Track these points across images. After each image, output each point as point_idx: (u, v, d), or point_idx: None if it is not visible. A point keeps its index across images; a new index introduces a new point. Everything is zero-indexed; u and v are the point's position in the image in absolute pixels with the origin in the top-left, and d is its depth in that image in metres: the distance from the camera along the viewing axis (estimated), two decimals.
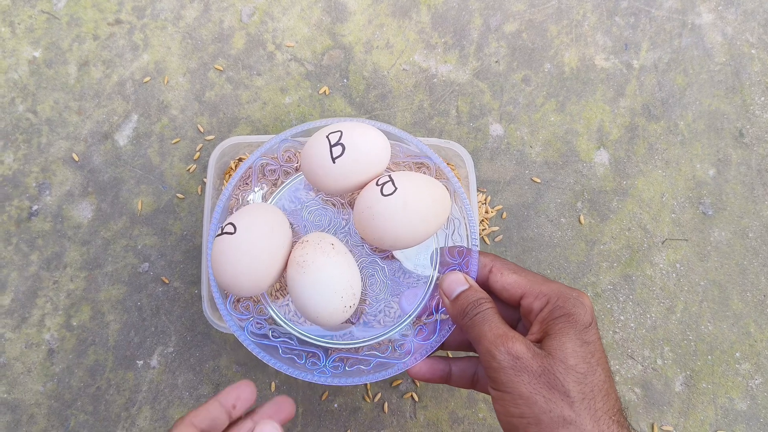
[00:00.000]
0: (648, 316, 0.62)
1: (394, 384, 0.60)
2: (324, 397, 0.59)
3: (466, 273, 0.42)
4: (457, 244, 0.48)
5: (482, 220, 0.63)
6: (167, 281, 0.61)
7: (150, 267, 0.61)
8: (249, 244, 0.42)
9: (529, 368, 0.35)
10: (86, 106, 0.64)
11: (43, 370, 0.59)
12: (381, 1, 0.67)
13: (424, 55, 0.67)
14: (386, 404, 0.59)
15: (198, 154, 0.64)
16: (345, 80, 0.66)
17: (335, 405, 0.59)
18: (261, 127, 0.64)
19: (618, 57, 0.67)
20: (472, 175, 0.58)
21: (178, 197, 0.63)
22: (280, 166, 0.50)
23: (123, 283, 0.61)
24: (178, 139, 0.64)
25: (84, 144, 0.63)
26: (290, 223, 0.48)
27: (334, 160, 0.42)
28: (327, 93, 0.65)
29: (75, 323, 0.60)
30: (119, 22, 0.66)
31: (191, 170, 0.63)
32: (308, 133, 0.49)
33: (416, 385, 0.60)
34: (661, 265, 0.63)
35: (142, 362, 0.59)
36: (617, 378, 0.60)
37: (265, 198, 0.51)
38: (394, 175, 0.43)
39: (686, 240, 0.64)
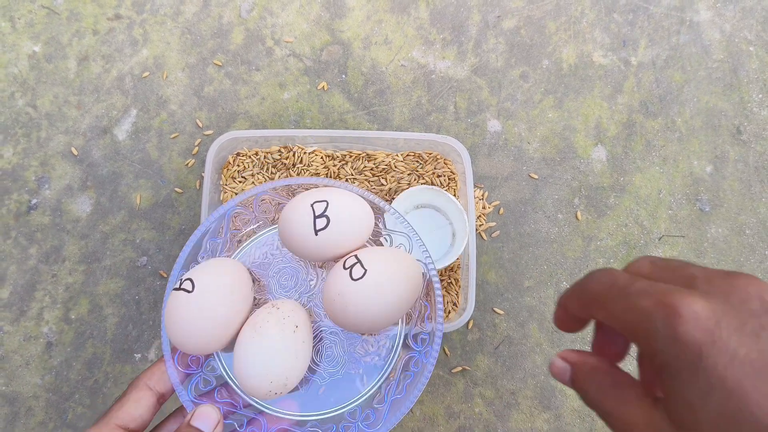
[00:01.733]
0: None
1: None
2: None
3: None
4: (420, 331, 0.46)
5: (479, 216, 0.63)
6: (165, 275, 0.61)
7: (148, 261, 0.61)
8: (206, 306, 0.40)
9: None
10: (85, 100, 0.64)
11: (42, 362, 0.59)
12: None
13: (422, 51, 0.67)
14: None
15: (196, 148, 0.64)
16: (343, 76, 0.66)
17: None
18: (259, 122, 0.65)
19: (616, 54, 0.67)
20: (469, 170, 0.58)
21: (176, 191, 0.63)
22: (255, 216, 0.49)
23: (121, 276, 0.61)
24: (176, 134, 0.64)
25: (83, 138, 0.64)
26: (255, 279, 0.47)
27: (317, 232, 0.40)
28: (325, 88, 0.66)
29: (73, 316, 0.60)
30: (119, 17, 0.66)
31: (190, 165, 0.64)
32: (290, 192, 0.48)
33: None
34: None
35: (139, 355, 0.60)
36: None
37: (241, 241, 0.50)
38: (360, 254, 0.40)
39: (683, 236, 0.64)
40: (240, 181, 0.61)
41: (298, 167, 0.61)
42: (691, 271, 0.25)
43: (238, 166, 0.61)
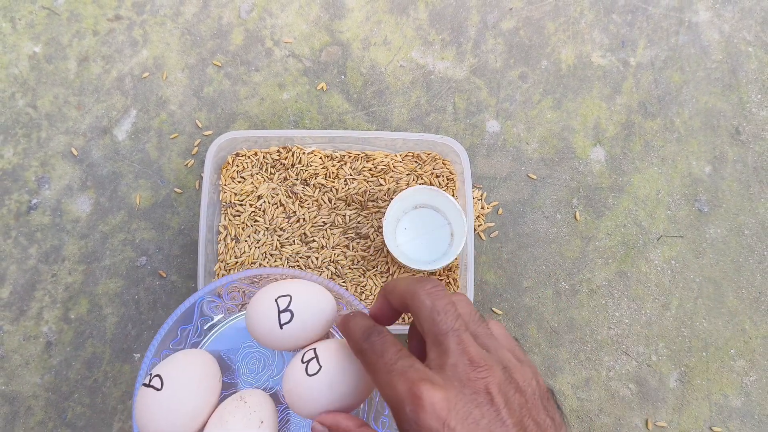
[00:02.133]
0: (643, 312, 0.62)
1: None
2: None
3: None
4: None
5: (478, 216, 0.63)
6: (164, 275, 0.61)
7: (147, 261, 0.62)
8: (174, 402, 0.43)
9: None
10: (86, 101, 0.65)
11: (41, 362, 0.59)
12: None
13: (421, 51, 0.67)
14: None
15: (196, 149, 0.64)
16: (342, 76, 0.66)
17: None
18: (259, 123, 0.65)
19: (615, 54, 0.67)
20: (467, 171, 0.58)
21: (176, 192, 0.63)
22: (224, 303, 0.51)
23: (121, 276, 0.61)
24: (176, 134, 0.64)
25: (83, 139, 0.64)
26: (223, 366, 0.49)
27: (281, 326, 0.42)
28: (324, 89, 0.66)
29: (73, 316, 0.60)
30: (119, 18, 0.66)
31: (189, 165, 0.64)
32: (257, 281, 0.50)
33: None
34: (656, 262, 0.63)
35: (139, 355, 0.60)
36: (611, 374, 0.61)
37: (211, 327, 0.52)
38: (319, 348, 0.42)
39: (681, 237, 0.64)
40: (239, 182, 0.61)
41: (296, 168, 0.61)
42: (448, 344, 0.30)
43: (238, 166, 0.61)
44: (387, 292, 0.34)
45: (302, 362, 0.41)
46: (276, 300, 0.43)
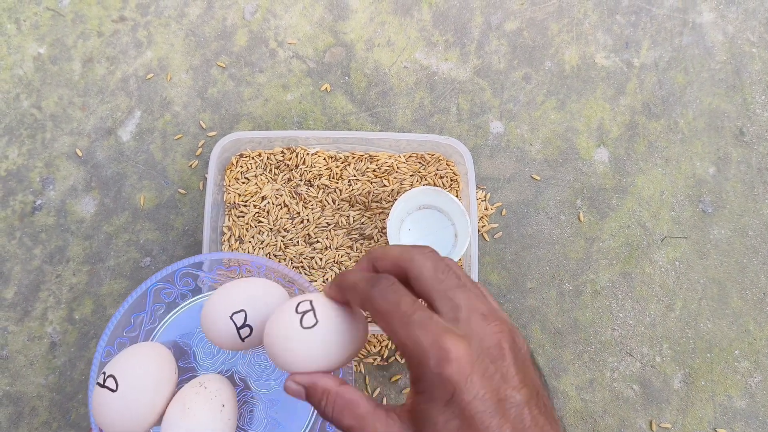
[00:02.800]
0: (647, 313, 0.62)
1: (393, 379, 0.60)
2: None
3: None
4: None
5: (482, 217, 0.63)
6: None
7: (152, 261, 0.62)
8: (130, 400, 0.43)
9: None
10: (90, 102, 0.65)
11: (45, 363, 0.59)
12: None
13: (425, 52, 0.67)
14: (385, 399, 0.60)
15: (200, 150, 0.64)
16: (346, 77, 0.66)
17: None
18: (263, 124, 0.65)
19: (618, 55, 0.67)
20: (471, 172, 0.58)
21: (180, 192, 0.63)
22: (177, 289, 0.51)
23: (125, 277, 0.61)
24: (180, 135, 0.64)
25: (87, 139, 0.64)
26: (179, 351, 0.50)
27: (243, 339, 0.42)
28: (328, 90, 0.66)
29: (77, 317, 0.60)
30: (123, 20, 0.67)
31: (193, 166, 0.64)
32: (209, 265, 0.50)
33: None
34: (661, 263, 0.63)
35: None
36: (615, 375, 0.61)
37: (164, 314, 0.52)
38: (315, 302, 0.40)
39: (686, 238, 0.64)
40: (243, 182, 0.61)
41: (300, 168, 0.61)
42: (458, 299, 0.30)
43: (242, 167, 0.61)
44: (375, 258, 0.34)
45: (296, 312, 0.39)
46: (231, 318, 0.42)
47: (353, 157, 0.62)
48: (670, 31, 0.68)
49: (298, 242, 0.60)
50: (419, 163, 0.62)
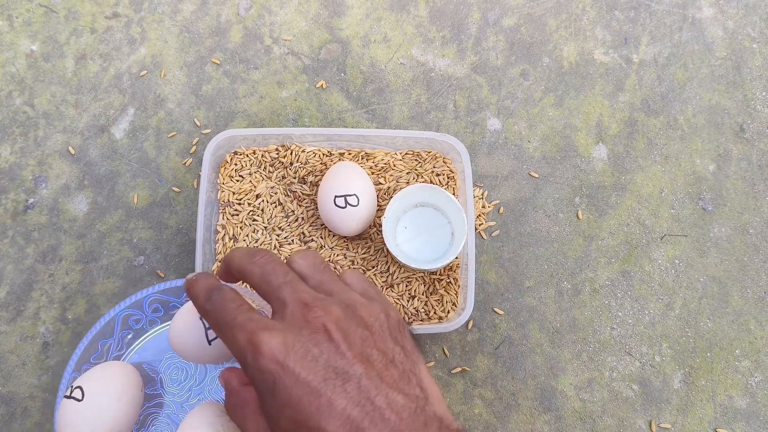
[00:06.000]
0: (646, 312, 0.61)
1: None
2: None
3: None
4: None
5: (479, 215, 0.62)
6: (162, 275, 0.61)
7: (145, 260, 0.61)
8: (94, 414, 0.44)
9: None
10: (83, 99, 0.64)
11: (38, 363, 0.59)
12: None
13: (421, 49, 0.66)
14: None
15: (194, 147, 0.63)
16: (342, 74, 0.66)
17: None
18: (258, 121, 0.64)
19: (617, 51, 0.66)
20: (468, 169, 0.58)
21: (174, 191, 0.63)
22: (146, 316, 0.52)
23: (118, 276, 0.61)
24: (174, 133, 0.64)
25: (80, 137, 0.63)
26: (146, 377, 0.51)
27: (210, 342, 0.43)
28: (324, 87, 0.65)
29: (70, 316, 0.60)
30: (116, 16, 0.66)
31: (187, 164, 0.63)
32: (178, 291, 0.51)
33: None
34: (660, 261, 0.62)
35: None
36: (615, 374, 0.60)
37: (132, 340, 0.53)
38: (357, 189, 0.55)
39: (685, 236, 0.63)
40: (237, 180, 0.60)
41: (295, 166, 0.60)
42: (284, 294, 0.32)
43: (236, 164, 0.60)
44: (227, 264, 0.36)
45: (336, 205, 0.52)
46: (201, 319, 0.43)
47: (349, 155, 0.61)
48: (669, 26, 0.67)
49: (293, 241, 0.60)
50: (416, 160, 0.61)
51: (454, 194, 0.60)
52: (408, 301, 0.58)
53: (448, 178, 0.61)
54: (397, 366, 0.31)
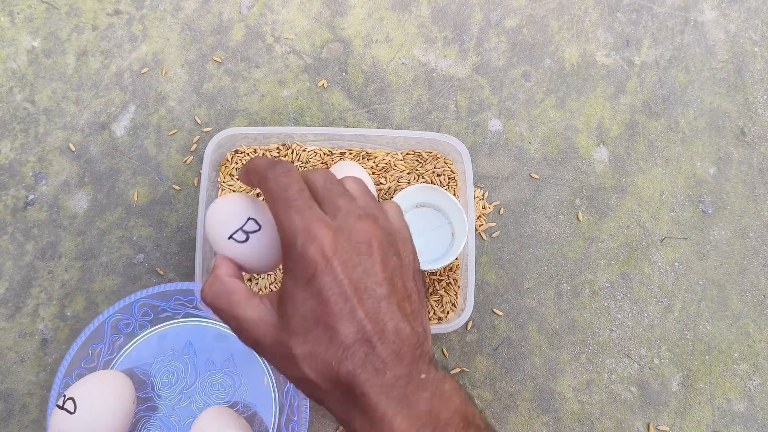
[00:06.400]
0: (645, 314, 0.61)
1: None
2: None
3: None
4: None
5: (479, 216, 0.62)
6: (162, 273, 0.61)
7: (145, 258, 0.61)
8: (87, 426, 0.45)
9: None
10: (84, 96, 0.64)
11: (37, 359, 0.59)
12: None
13: (423, 49, 0.66)
14: None
15: (195, 145, 0.63)
16: (344, 74, 0.66)
17: None
18: (259, 120, 0.64)
19: (619, 53, 0.66)
20: (469, 170, 0.58)
21: (174, 188, 0.63)
22: (135, 320, 0.52)
23: (117, 273, 0.61)
24: (175, 131, 0.64)
25: (81, 134, 0.63)
26: (136, 381, 0.51)
27: (247, 236, 0.41)
28: (325, 86, 0.65)
29: (69, 313, 0.60)
30: (118, 13, 0.66)
31: (188, 162, 0.63)
32: (167, 295, 0.51)
33: None
34: (660, 264, 0.62)
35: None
36: (613, 376, 0.60)
37: (122, 345, 0.53)
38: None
39: (685, 239, 0.63)
40: (238, 179, 0.60)
41: (296, 165, 0.60)
42: (340, 203, 0.33)
43: (236, 163, 0.60)
44: (250, 171, 0.36)
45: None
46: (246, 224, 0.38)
47: (350, 154, 0.61)
48: (671, 29, 0.67)
49: None
50: (416, 160, 0.61)
51: (454, 195, 0.60)
52: None
53: (448, 178, 0.61)
54: (412, 302, 0.33)
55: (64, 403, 0.45)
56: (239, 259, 0.35)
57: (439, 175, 0.61)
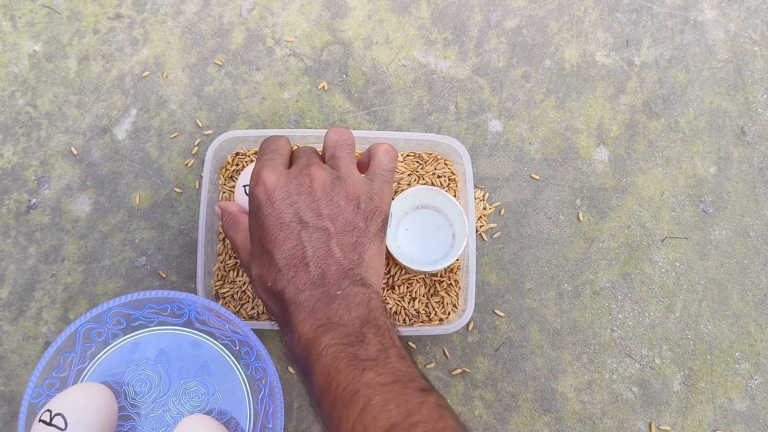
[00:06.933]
0: (646, 314, 0.61)
1: None
2: None
3: None
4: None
5: (480, 217, 0.62)
6: (164, 275, 0.61)
7: (147, 261, 0.61)
8: None
9: None
10: (86, 100, 0.64)
11: None
12: None
13: (423, 50, 0.66)
14: None
15: (196, 148, 0.64)
16: (344, 76, 0.66)
17: None
18: (259, 122, 0.64)
19: (619, 53, 0.67)
20: (469, 171, 0.58)
21: (176, 191, 0.63)
22: (107, 329, 0.52)
23: (120, 276, 0.61)
24: (176, 134, 0.64)
25: (83, 138, 0.63)
26: (114, 390, 0.51)
27: None
28: (326, 88, 0.65)
29: (72, 316, 0.60)
30: (119, 17, 0.66)
31: (189, 165, 0.63)
32: (140, 304, 0.51)
33: None
34: (661, 264, 0.62)
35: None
36: (615, 376, 0.60)
37: (94, 355, 0.53)
38: None
39: (686, 238, 0.63)
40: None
41: None
42: (301, 157, 0.44)
43: (237, 165, 0.61)
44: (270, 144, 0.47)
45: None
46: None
47: None
48: (671, 29, 0.67)
49: None
50: (417, 162, 0.62)
51: (455, 196, 0.61)
52: (409, 303, 0.59)
53: (449, 179, 0.61)
54: (353, 236, 0.41)
55: (51, 419, 0.45)
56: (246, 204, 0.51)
57: (439, 177, 0.61)
